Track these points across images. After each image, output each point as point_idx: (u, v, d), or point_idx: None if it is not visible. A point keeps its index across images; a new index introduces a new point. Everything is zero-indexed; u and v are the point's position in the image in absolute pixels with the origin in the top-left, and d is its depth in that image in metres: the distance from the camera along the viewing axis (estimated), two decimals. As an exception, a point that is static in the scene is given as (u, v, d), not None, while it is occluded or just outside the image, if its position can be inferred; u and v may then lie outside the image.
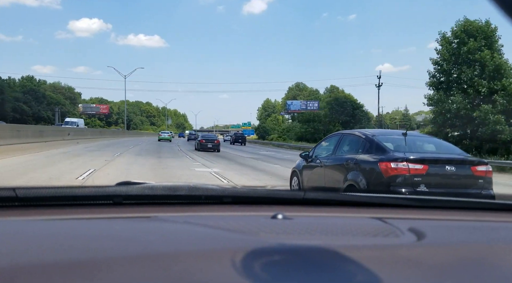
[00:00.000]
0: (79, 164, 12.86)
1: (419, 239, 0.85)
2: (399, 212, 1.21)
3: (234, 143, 45.39)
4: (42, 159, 13.96)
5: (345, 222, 1.05)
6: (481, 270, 0.72)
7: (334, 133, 7.32)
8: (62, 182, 8.59)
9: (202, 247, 0.73)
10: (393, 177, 4.96)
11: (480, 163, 5.37)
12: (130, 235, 0.82)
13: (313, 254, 0.72)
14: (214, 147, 25.16)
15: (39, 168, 11.25)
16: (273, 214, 1.00)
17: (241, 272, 0.62)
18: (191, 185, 1.18)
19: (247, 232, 0.84)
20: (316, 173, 6.56)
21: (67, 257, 0.65)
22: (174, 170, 12.57)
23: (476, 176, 5.20)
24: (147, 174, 11.24)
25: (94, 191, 1.15)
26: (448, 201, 1.37)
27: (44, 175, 9.66)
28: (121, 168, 12.35)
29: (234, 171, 13.42)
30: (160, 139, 43.11)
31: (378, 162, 5.13)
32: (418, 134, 7.19)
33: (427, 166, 4.99)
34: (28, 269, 0.60)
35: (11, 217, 0.98)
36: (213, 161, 17.61)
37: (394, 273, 0.67)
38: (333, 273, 0.66)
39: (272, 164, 17.32)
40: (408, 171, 4.94)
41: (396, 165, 4.98)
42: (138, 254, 0.68)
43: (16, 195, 1.03)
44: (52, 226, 0.90)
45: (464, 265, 0.74)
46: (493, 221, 1.19)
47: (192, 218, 1.01)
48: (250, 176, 11.95)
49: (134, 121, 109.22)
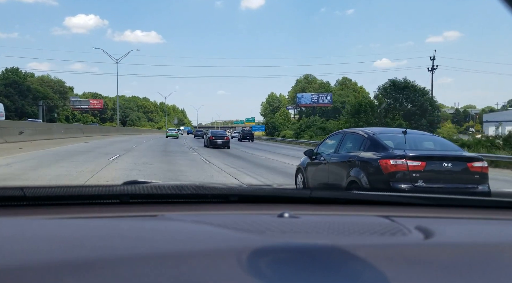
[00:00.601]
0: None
1: (426, 237, 0.85)
2: (406, 211, 1.21)
3: (242, 140, 44.73)
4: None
5: (352, 220, 1.03)
6: (489, 268, 0.71)
7: (337, 131, 7.61)
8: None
9: (209, 246, 0.73)
10: (392, 174, 5.25)
11: (476, 159, 5.63)
12: (137, 234, 0.82)
13: (320, 253, 0.72)
14: (224, 143, 24.57)
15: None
16: (280, 212, 1.00)
17: (247, 271, 0.62)
18: (197, 184, 1.20)
19: (254, 231, 0.84)
20: (320, 170, 6.80)
21: (74, 256, 0.66)
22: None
23: (472, 171, 5.46)
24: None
25: (101, 190, 1.16)
26: (456, 199, 1.39)
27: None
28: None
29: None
30: (167, 135, 47.44)
31: (378, 159, 5.39)
32: (417, 132, 7.37)
33: (425, 163, 5.27)
34: (37, 268, 0.60)
35: (20, 216, 0.98)
36: (236, 165, 13.65)
37: (401, 271, 0.67)
38: (340, 271, 0.66)
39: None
40: (406, 168, 5.21)
41: (396, 162, 5.25)
42: (145, 253, 0.68)
43: (24, 194, 1.04)
44: (59, 225, 0.91)
45: (472, 264, 0.74)
46: (502, 219, 1.18)
47: (198, 217, 1.02)
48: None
49: (131, 117, 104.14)
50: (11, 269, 0.59)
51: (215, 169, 12.33)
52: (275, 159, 17.73)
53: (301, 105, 76.35)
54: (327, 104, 73.71)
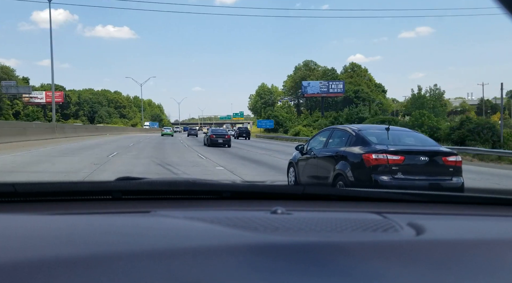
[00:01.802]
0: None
1: (418, 233, 0.85)
2: (398, 207, 1.21)
3: (238, 138, 44.98)
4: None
5: (345, 217, 1.03)
6: (481, 264, 0.71)
7: (326, 128, 8.15)
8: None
9: (202, 242, 0.73)
10: (374, 167, 5.74)
11: (451, 154, 6.11)
12: (129, 230, 0.82)
13: (312, 249, 0.72)
14: (225, 142, 24.35)
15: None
16: (273, 209, 1.00)
17: (240, 267, 0.63)
18: (191, 180, 1.18)
19: (247, 227, 0.84)
20: (310, 163, 7.32)
21: (66, 252, 0.65)
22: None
23: (447, 165, 5.97)
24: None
25: (93, 186, 1.16)
26: (447, 196, 1.40)
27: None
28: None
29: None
30: (163, 134, 49.03)
31: (362, 154, 5.90)
32: (400, 129, 7.85)
33: (403, 157, 5.78)
34: (29, 264, 0.59)
35: (11, 212, 0.97)
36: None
37: (393, 268, 0.67)
38: (332, 268, 0.66)
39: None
40: (387, 161, 5.71)
41: (377, 156, 5.75)
42: (137, 250, 0.67)
43: (16, 191, 1.03)
44: (51, 221, 0.90)
45: (464, 260, 0.74)
46: (493, 215, 1.19)
47: (191, 213, 1.01)
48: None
49: (100, 113, 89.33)
50: (3, 266, 0.58)
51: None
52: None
53: (308, 95, 63.29)
54: (338, 93, 61.40)
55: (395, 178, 5.63)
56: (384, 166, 5.68)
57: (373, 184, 5.62)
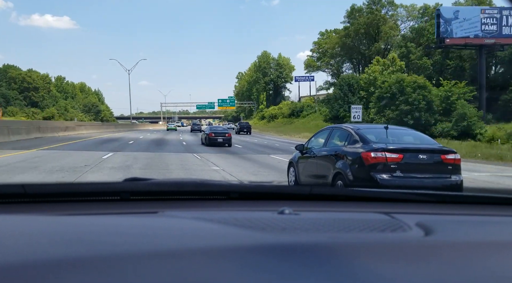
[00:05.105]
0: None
1: (426, 234, 0.85)
2: (406, 207, 1.21)
3: (239, 133, 44.61)
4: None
5: (352, 217, 1.03)
6: (490, 265, 0.71)
7: (325, 127, 8.12)
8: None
9: (209, 243, 0.73)
10: (373, 165, 5.81)
11: (450, 152, 6.15)
12: (137, 231, 0.82)
13: (320, 249, 0.72)
14: (226, 141, 22.35)
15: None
16: (280, 209, 1.00)
17: (248, 268, 0.63)
18: (198, 181, 1.19)
19: (254, 227, 0.84)
20: (310, 163, 7.38)
21: (75, 252, 0.66)
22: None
23: (446, 163, 6.00)
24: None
25: (102, 187, 1.18)
26: (456, 196, 1.39)
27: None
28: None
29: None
30: (168, 129, 52.08)
31: (361, 152, 5.96)
32: (398, 127, 7.84)
33: (402, 155, 5.82)
34: (38, 264, 0.60)
35: (20, 213, 0.99)
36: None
37: (402, 268, 0.67)
38: (340, 268, 0.66)
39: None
40: (385, 160, 5.77)
41: (376, 155, 5.81)
42: (145, 250, 0.68)
43: (25, 191, 1.05)
44: (60, 222, 0.91)
45: (473, 260, 0.73)
46: (502, 216, 1.18)
47: (199, 213, 1.01)
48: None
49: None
50: (12, 266, 0.59)
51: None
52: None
53: (449, 42, 32.50)
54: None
55: (394, 176, 5.68)
56: (383, 165, 5.74)
57: (372, 182, 5.67)
